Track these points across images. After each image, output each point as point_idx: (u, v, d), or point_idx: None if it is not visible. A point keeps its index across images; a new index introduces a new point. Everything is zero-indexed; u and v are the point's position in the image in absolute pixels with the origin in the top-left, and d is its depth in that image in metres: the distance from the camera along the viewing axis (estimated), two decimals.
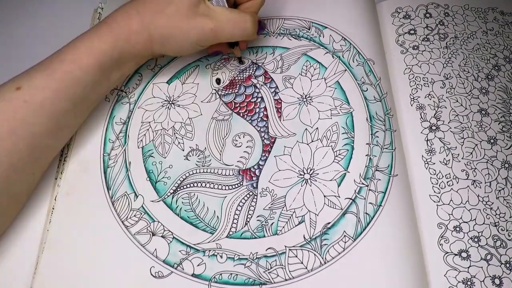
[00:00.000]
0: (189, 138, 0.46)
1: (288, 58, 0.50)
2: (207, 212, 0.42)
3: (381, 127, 0.45)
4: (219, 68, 0.50)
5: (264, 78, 0.49)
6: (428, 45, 0.50)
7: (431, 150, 0.45)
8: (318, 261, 0.39)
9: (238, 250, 0.40)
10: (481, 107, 0.47)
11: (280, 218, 0.41)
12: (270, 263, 0.40)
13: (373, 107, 0.46)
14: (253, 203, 0.42)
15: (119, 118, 0.47)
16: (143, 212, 0.42)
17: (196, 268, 0.40)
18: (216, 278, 0.39)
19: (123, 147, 0.45)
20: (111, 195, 0.43)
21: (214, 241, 0.41)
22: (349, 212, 0.41)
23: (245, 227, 0.41)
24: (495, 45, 0.50)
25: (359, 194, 0.42)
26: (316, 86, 0.48)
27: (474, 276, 0.39)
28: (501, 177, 0.43)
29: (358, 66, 0.48)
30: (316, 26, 0.51)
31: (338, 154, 0.44)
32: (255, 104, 0.48)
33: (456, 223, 0.41)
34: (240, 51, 0.49)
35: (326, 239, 0.40)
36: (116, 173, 0.44)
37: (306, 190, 0.42)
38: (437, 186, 0.43)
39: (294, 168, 0.44)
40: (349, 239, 0.40)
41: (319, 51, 0.50)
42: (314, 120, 0.46)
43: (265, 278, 0.39)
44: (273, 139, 0.45)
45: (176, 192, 0.43)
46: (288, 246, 0.40)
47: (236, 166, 0.44)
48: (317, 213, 0.41)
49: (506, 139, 0.45)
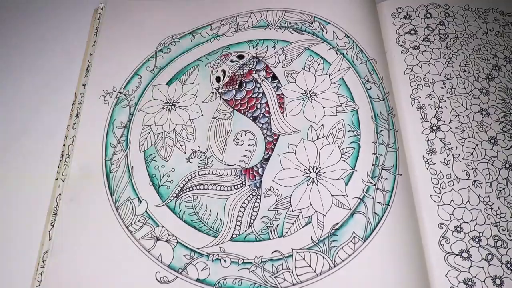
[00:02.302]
0: (191, 140, 0.46)
1: (290, 52, 0.49)
2: (210, 214, 0.42)
3: (385, 126, 0.45)
4: (219, 66, 0.49)
5: (265, 73, 0.48)
6: (429, 45, 0.50)
7: (432, 150, 0.45)
8: (327, 264, 0.38)
9: (242, 254, 0.40)
10: (482, 107, 0.47)
11: (286, 219, 0.41)
12: (276, 267, 0.39)
13: (377, 106, 0.46)
14: (256, 203, 0.42)
15: (120, 122, 0.47)
16: (147, 217, 0.42)
17: (201, 273, 0.39)
18: (221, 283, 0.39)
19: (125, 152, 0.45)
20: (115, 201, 0.43)
21: (217, 244, 0.40)
22: (357, 212, 0.40)
23: (248, 229, 0.41)
24: (496, 45, 0.50)
25: (367, 193, 0.41)
26: (321, 82, 0.47)
27: (475, 276, 0.39)
28: (501, 177, 0.43)
29: (361, 64, 0.48)
30: (319, 21, 0.51)
31: (345, 152, 0.43)
32: (256, 100, 0.47)
33: (457, 223, 0.41)
34: None
35: (335, 240, 0.39)
36: (119, 178, 0.44)
37: (313, 189, 0.42)
38: (438, 186, 0.43)
39: (300, 167, 0.43)
40: (359, 240, 0.39)
41: (323, 47, 0.49)
42: (319, 117, 0.45)
43: (271, 283, 0.38)
44: (276, 136, 0.45)
45: (179, 196, 0.43)
46: (295, 249, 0.39)
47: (238, 165, 0.44)
48: (325, 213, 0.41)
49: (507, 139, 0.45)
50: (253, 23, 0.52)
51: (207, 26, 0.52)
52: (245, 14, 0.52)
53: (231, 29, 0.52)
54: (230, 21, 0.52)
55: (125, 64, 0.50)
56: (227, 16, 0.52)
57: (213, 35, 0.51)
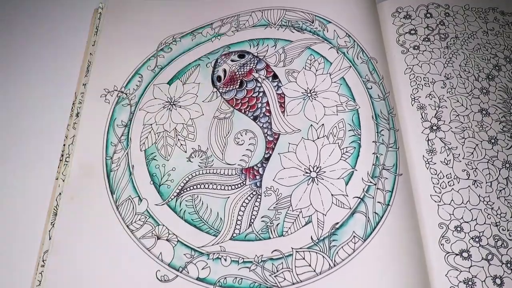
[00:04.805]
0: (191, 139, 0.46)
1: (291, 51, 0.49)
2: (211, 214, 0.42)
3: (385, 125, 0.45)
4: (220, 65, 0.49)
5: (265, 72, 0.48)
6: (429, 45, 0.50)
7: (432, 150, 0.45)
8: (327, 264, 0.39)
9: (242, 253, 0.40)
10: (482, 107, 0.47)
11: (286, 218, 0.41)
12: (276, 266, 0.39)
13: (378, 105, 0.46)
14: (257, 203, 0.42)
15: (120, 121, 0.47)
16: (147, 216, 0.42)
17: (201, 271, 0.39)
18: (221, 282, 0.39)
19: (126, 150, 0.45)
20: (115, 199, 0.43)
21: (217, 243, 0.41)
22: (358, 211, 0.40)
23: (249, 229, 0.41)
24: (496, 45, 0.50)
25: (367, 192, 0.41)
26: (321, 81, 0.47)
27: (475, 276, 0.39)
28: (502, 177, 0.43)
29: (362, 64, 0.48)
30: (320, 19, 0.51)
31: (345, 151, 0.43)
32: (257, 99, 0.47)
33: (457, 223, 0.41)
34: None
35: (335, 240, 0.39)
36: (119, 177, 0.44)
37: (313, 189, 0.42)
38: (438, 186, 0.43)
39: (300, 166, 0.43)
40: (359, 240, 0.39)
41: (324, 46, 0.49)
42: (319, 116, 0.45)
43: (271, 282, 0.38)
44: (277, 135, 0.45)
45: (180, 195, 0.43)
46: (295, 248, 0.40)
47: (238, 165, 0.44)
48: (325, 213, 0.41)
49: (507, 139, 0.45)
50: (254, 22, 0.52)
51: (208, 25, 0.52)
52: (246, 13, 0.52)
53: (232, 28, 0.52)
54: (231, 20, 0.52)
55: (126, 63, 0.50)
56: (228, 15, 0.53)
57: (214, 35, 0.51)
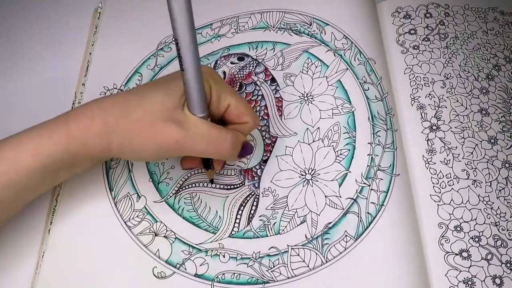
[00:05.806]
0: None
1: (289, 54, 0.50)
2: (209, 212, 0.42)
3: (382, 126, 0.45)
4: (220, 67, 0.50)
5: (264, 75, 0.49)
6: (429, 45, 0.50)
7: (432, 150, 0.45)
8: (319, 260, 0.39)
9: (240, 250, 0.40)
10: (482, 107, 0.47)
11: (282, 218, 0.42)
12: (273, 262, 0.40)
13: (375, 107, 0.46)
14: (255, 203, 0.42)
15: None
16: (145, 213, 0.42)
17: (199, 268, 0.40)
18: (219, 278, 0.39)
19: None
20: (114, 196, 0.43)
21: (216, 240, 0.41)
22: (350, 212, 0.41)
23: (247, 227, 0.41)
24: (495, 45, 0.50)
25: (360, 193, 0.42)
26: (318, 85, 0.48)
27: (475, 276, 0.39)
28: (501, 177, 0.43)
29: (359, 65, 0.48)
30: (318, 22, 0.51)
31: (340, 154, 0.44)
32: (255, 102, 0.47)
33: (457, 222, 0.41)
34: (213, 173, 0.43)
35: (327, 238, 0.40)
36: (118, 174, 0.44)
37: (308, 190, 0.43)
38: (437, 185, 0.43)
39: (296, 169, 0.44)
40: (351, 239, 0.40)
41: (321, 49, 0.50)
42: (315, 120, 0.46)
43: (268, 276, 0.39)
44: (275, 138, 0.45)
45: (178, 193, 0.43)
46: (290, 245, 0.40)
47: (237, 166, 0.44)
48: (319, 213, 0.41)
49: (507, 139, 0.45)
50: (253, 24, 0.52)
51: (208, 26, 0.53)
52: (245, 14, 0.53)
53: (232, 29, 0.52)
54: (230, 21, 0.53)
55: (126, 62, 0.50)
56: (228, 16, 0.53)
57: (214, 36, 0.52)
